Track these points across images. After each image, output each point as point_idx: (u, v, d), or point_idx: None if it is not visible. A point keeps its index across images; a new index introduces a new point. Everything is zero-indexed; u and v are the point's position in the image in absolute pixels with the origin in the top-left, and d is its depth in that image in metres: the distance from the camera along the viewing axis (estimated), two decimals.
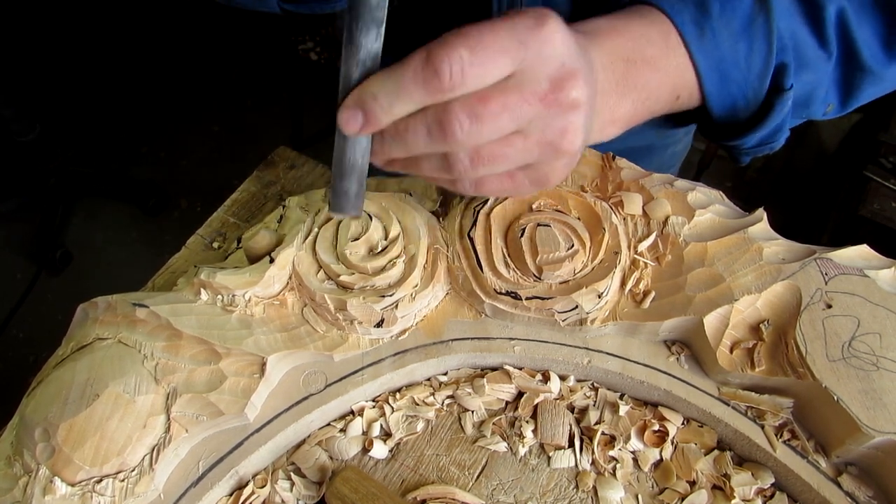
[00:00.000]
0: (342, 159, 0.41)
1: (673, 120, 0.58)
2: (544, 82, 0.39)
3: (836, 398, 0.43)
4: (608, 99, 0.47)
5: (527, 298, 0.48)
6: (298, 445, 0.49)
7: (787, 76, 0.50)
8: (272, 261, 0.48)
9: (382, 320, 0.48)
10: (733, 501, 0.46)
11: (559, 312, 0.48)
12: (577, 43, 0.41)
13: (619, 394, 0.51)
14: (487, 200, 0.51)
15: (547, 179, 0.44)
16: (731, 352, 0.48)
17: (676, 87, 0.50)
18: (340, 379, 0.48)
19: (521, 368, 0.51)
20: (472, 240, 0.50)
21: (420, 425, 0.49)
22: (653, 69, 0.49)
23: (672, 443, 0.49)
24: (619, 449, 0.48)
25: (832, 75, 0.53)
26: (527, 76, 0.39)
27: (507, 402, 0.51)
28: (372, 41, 0.38)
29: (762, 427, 0.47)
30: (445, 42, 0.36)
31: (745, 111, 0.52)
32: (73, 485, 0.41)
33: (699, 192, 0.53)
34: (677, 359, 0.50)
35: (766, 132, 0.53)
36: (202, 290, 0.48)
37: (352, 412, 0.50)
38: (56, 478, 0.41)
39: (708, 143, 1.92)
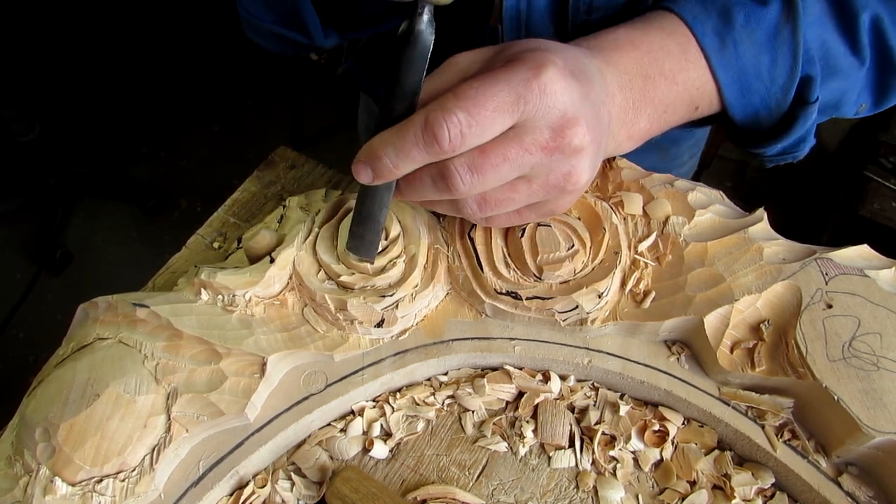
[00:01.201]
0: (360, 207, 0.45)
1: (693, 122, 0.57)
2: (545, 132, 0.39)
3: (836, 398, 0.43)
4: (625, 116, 0.47)
5: (527, 298, 0.48)
6: (299, 445, 0.49)
7: (813, 89, 0.49)
8: (272, 261, 0.48)
9: (383, 320, 0.48)
10: (734, 501, 0.46)
11: (559, 312, 0.48)
12: (578, 84, 0.41)
13: (619, 394, 0.51)
14: None
15: (553, 212, 0.46)
16: (732, 352, 0.48)
17: (694, 98, 0.50)
18: (341, 379, 0.48)
19: (521, 368, 0.51)
20: (472, 240, 0.50)
21: (420, 425, 0.49)
22: (670, 82, 0.48)
23: (672, 443, 0.49)
24: (620, 449, 0.48)
25: (865, 79, 0.52)
26: (527, 127, 0.39)
27: (507, 402, 0.51)
28: (404, 109, 0.40)
29: (762, 427, 0.47)
30: (443, 105, 0.37)
31: (767, 121, 0.52)
32: (73, 485, 0.42)
33: (699, 192, 0.53)
34: (677, 359, 0.50)
35: (788, 142, 0.52)
36: (202, 290, 0.48)
37: (352, 412, 0.50)
38: (56, 478, 0.41)
39: (709, 143, 1.92)
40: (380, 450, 0.48)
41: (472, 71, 0.42)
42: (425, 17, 0.38)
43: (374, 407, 0.50)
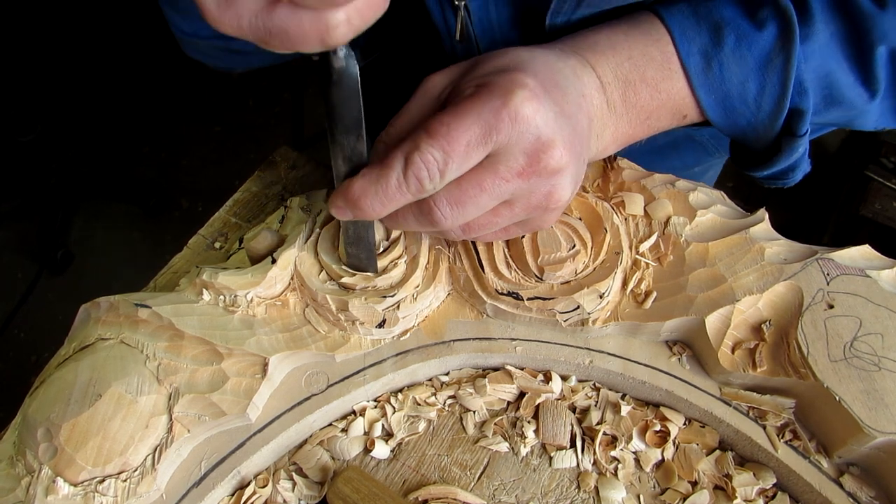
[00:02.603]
0: (348, 232, 0.46)
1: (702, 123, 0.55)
2: (520, 158, 0.39)
3: (837, 398, 0.43)
4: (606, 118, 0.47)
5: (528, 299, 0.48)
6: (300, 445, 0.49)
7: (802, 123, 0.47)
8: (274, 261, 0.48)
9: (384, 321, 0.48)
10: (735, 502, 0.46)
11: (561, 313, 0.48)
12: (551, 101, 0.40)
13: (620, 394, 0.51)
14: None
15: (539, 227, 0.46)
16: (733, 352, 0.48)
17: (680, 108, 0.49)
18: (342, 379, 0.49)
19: (522, 369, 0.51)
20: (473, 240, 0.50)
21: (422, 425, 0.49)
22: (653, 90, 0.47)
23: (674, 443, 0.49)
24: (621, 449, 0.48)
25: (884, 108, 0.50)
26: (502, 156, 0.39)
27: (508, 403, 0.51)
28: (353, 141, 0.40)
29: (764, 427, 0.47)
30: (418, 146, 0.38)
31: (756, 143, 0.50)
32: (75, 485, 0.42)
33: (700, 193, 0.53)
34: (679, 359, 0.50)
35: (777, 169, 0.51)
36: (204, 290, 0.49)
37: (353, 412, 0.50)
38: (58, 478, 0.41)
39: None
40: (381, 450, 0.48)
41: (443, 96, 0.42)
42: (340, 52, 0.36)
43: (376, 407, 0.50)
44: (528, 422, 0.49)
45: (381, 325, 0.48)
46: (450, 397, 0.51)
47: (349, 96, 0.37)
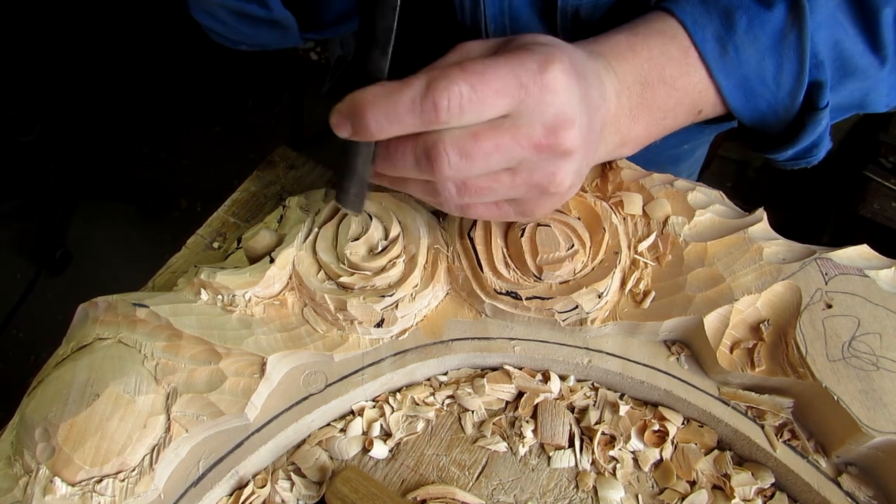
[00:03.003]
0: (343, 160, 0.42)
1: (711, 121, 0.55)
2: (539, 128, 0.39)
3: (836, 398, 0.43)
4: (619, 123, 0.46)
5: (527, 298, 0.48)
6: (298, 445, 0.49)
7: (822, 94, 0.47)
8: (272, 261, 0.48)
9: (382, 320, 0.48)
10: (733, 501, 0.46)
11: (559, 312, 0.48)
12: (579, 85, 0.40)
13: (619, 394, 0.51)
14: None
15: (532, 213, 0.45)
16: (731, 352, 0.48)
17: (697, 103, 0.49)
18: (340, 379, 0.49)
19: (521, 368, 0.51)
20: (472, 240, 0.50)
21: (420, 425, 0.49)
22: (670, 88, 0.47)
23: (672, 443, 0.49)
24: (620, 449, 0.48)
25: (894, 78, 0.50)
26: (523, 119, 0.38)
27: (507, 402, 0.51)
28: (378, 57, 0.38)
29: (762, 427, 0.47)
30: (447, 74, 0.36)
31: (776, 126, 0.50)
32: (73, 485, 0.42)
33: (699, 192, 0.53)
34: (677, 359, 0.50)
35: (800, 148, 0.50)
36: (202, 290, 0.48)
37: (352, 412, 0.50)
38: (56, 478, 0.41)
39: (709, 144, 1.92)
40: (379, 450, 0.48)
41: (479, 55, 0.41)
42: None
43: (374, 407, 0.50)
44: (527, 421, 0.49)
45: (379, 325, 0.48)
46: (448, 397, 0.51)
47: (387, 4, 0.37)
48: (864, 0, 0.46)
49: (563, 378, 0.51)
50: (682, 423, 0.49)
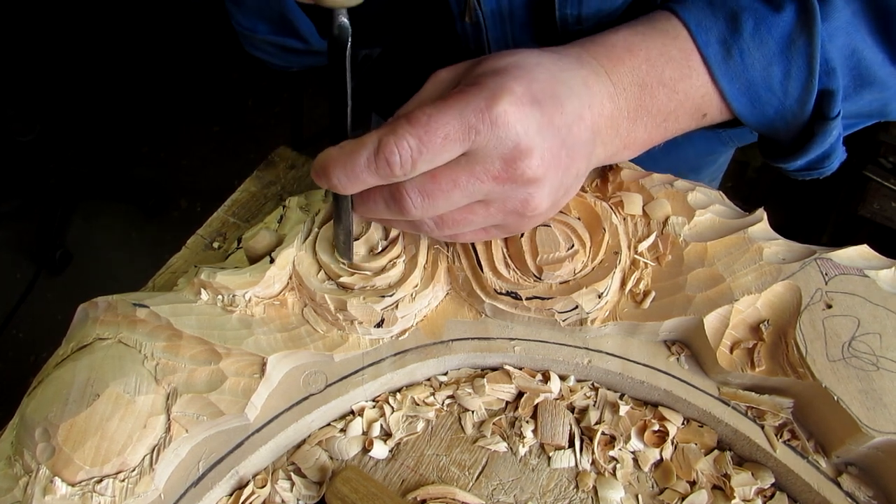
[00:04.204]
0: (331, 208, 0.46)
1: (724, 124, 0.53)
2: (497, 162, 0.39)
3: (836, 398, 0.43)
4: (618, 126, 0.46)
5: (527, 298, 0.48)
6: (298, 445, 0.49)
7: (833, 104, 0.45)
8: (272, 261, 0.48)
9: (382, 320, 0.48)
10: (733, 501, 0.46)
11: (559, 312, 0.48)
12: (535, 112, 0.40)
13: (619, 394, 0.51)
14: None
15: (517, 231, 0.46)
16: (731, 352, 0.48)
17: (700, 107, 0.47)
18: (340, 379, 0.49)
19: (521, 368, 0.51)
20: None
21: (420, 425, 0.49)
22: (670, 91, 0.46)
23: (672, 443, 0.49)
24: (620, 449, 0.48)
25: None
26: (479, 156, 0.39)
27: (507, 402, 0.51)
28: (341, 111, 0.41)
29: (762, 427, 0.47)
30: (395, 130, 0.37)
31: (786, 133, 0.48)
32: (73, 485, 0.42)
33: (699, 193, 0.53)
34: (677, 359, 0.50)
35: (811, 158, 0.49)
36: (202, 290, 0.48)
37: (352, 412, 0.50)
38: (56, 478, 0.41)
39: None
40: (379, 450, 0.48)
41: (451, 86, 0.42)
42: (339, 20, 0.38)
43: (374, 407, 0.50)
44: (527, 421, 0.49)
45: (379, 325, 0.48)
46: (448, 397, 0.51)
47: (338, 61, 0.39)
48: (886, 10, 0.44)
49: (563, 378, 0.51)
50: (682, 424, 0.49)
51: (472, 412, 0.50)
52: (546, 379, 0.50)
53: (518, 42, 0.57)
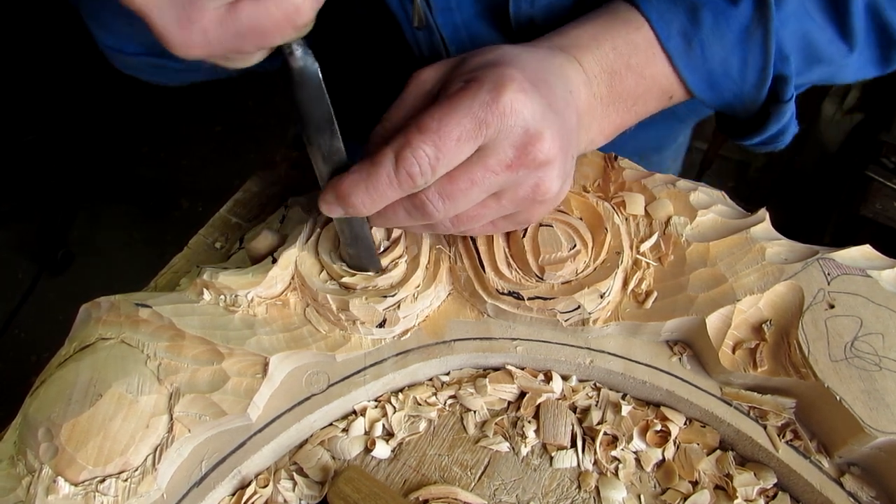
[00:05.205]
0: (343, 233, 0.46)
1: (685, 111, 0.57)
2: (509, 151, 0.40)
3: (838, 398, 0.43)
4: (593, 112, 0.47)
5: (529, 298, 0.48)
6: (301, 445, 0.49)
7: (787, 88, 0.48)
8: (274, 261, 0.49)
9: (385, 320, 0.48)
10: (736, 502, 0.46)
11: (561, 312, 0.48)
12: (539, 94, 0.40)
13: (621, 394, 0.51)
14: None
15: (528, 221, 0.46)
16: (734, 352, 0.48)
17: (666, 89, 0.49)
18: (343, 379, 0.49)
19: (523, 368, 0.51)
20: (474, 240, 0.50)
21: (422, 425, 0.49)
22: (638, 76, 0.48)
23: (674, 443, 0.49)
24: (622, 449, 0.48)
25: (864, 58, 0.51)
26: (491, 149, 0.39)
27: (509, 402, 0.51)
28: (328, 139, 0.40)
29: (765, 427, 0.47)
30: (409, 142, 0.38)
31: (744, 114, 0.51)
32: (76, 484, 0.42)
33: (701, 193, 0.53)
34: (679, 359, 0.50)
35: (767, 135, 0.52)
36: (205, 290, 0.49)
37: (354, 412, 0.50)
38: (59, 477, 0.41)
39: (710, 144, 1.92)
40: (382, 450, 0.48)
41: (434, 90, 0.42)
42: (297, 52, 0.36)
43: (376, 407, 0.50)
44: (529, 422, 0.49)
45: (381, 325, 0.48)
46: (450, 397, 0.51)
47: (315, 95, 0.38)
48: None
49: (565, 378, 0.51)
50: (685, 424, 0.49)
51: (475, 412, 0.50)
52: (548, 379, 0.50)
53: (475, 40, 0.57)
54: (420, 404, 0.50)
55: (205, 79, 0.61)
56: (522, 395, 0.51)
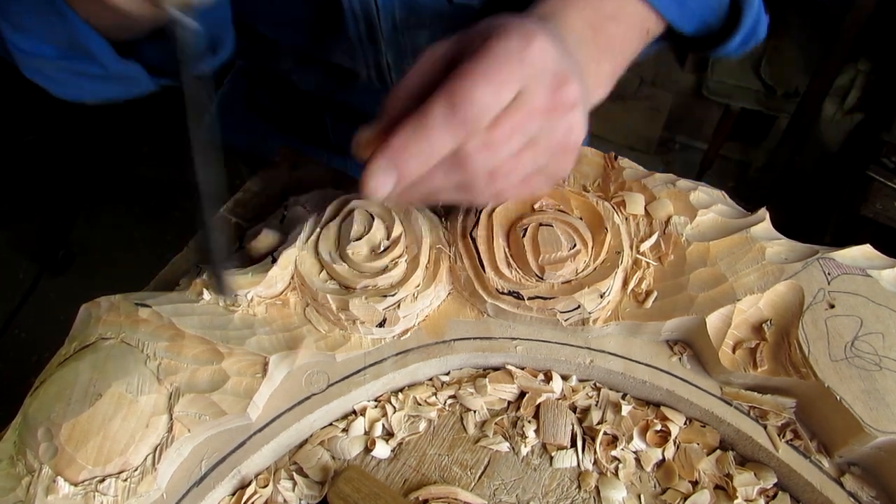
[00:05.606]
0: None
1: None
2: (544, 94, 0.40)
3: (838, 398, 0.43)
4: (589, 69, 0.48)
5: (529, 298, 0.48)
6: (301, 445, 0.49)
7: None
8: (274, 261, 0.49)
9: (384, 320, 0.48)
10: (736, 501, 0.46)
11: (561, 312, 0.48)
12: (559, 44, 0.41)
13: (621, 394, 0.51)
14: None
15: (558, 175, 0.46)
16: (734, 352, 0.48)
17: (642, 26, 0.53)
18: (343, 379, 0.49)
19: (523, 368, 0.51)
20: (474, 240, 0.50)
21: (422, 425, 0.49)
22: (616, 23, 0.50)
23: (674, 443, 0.49)
24: (622, 449, 0.48)
25: None
26: (528, 94, 0.39)
27: (509, 402, 0.51)
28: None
29: (765, 427, 0.47)
30: (460, 87, 0.37)
31: (717, 22, 0.56)
32: (75, 484, 0.42)
33: (701, 192, 0.53)
34: (679, 359, 0.50)
35: (745, 32, 0.56)
36: (205, 290, 0.49)
37: (354, 412, 0.50)
38: (59, 477, 0.41)
39: (710, 144, 1.92)
40: (382, 449, 0.48)
41: (448, 55, 0.41)
42: (181, 22, 0.36)
43: (376, 407, 0.50)
44: (529, 421, 0.49)
45: (381, 325, 0.48)
46: (450, 397, 0.51)
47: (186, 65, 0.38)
48: None
49: (565, 378, 0.51)
50: (685, 424, 0.49)
51: (474, 412, 0.50)
52: (548, 379, 0.50)
53: (420, 17, 0.59)
54: (420, 404, 0.50)
55: (122, 96, 0.58)
56: (522, 394, 0.51)
